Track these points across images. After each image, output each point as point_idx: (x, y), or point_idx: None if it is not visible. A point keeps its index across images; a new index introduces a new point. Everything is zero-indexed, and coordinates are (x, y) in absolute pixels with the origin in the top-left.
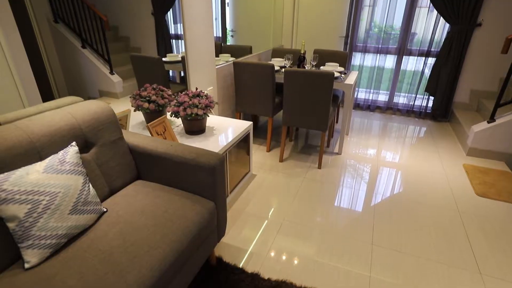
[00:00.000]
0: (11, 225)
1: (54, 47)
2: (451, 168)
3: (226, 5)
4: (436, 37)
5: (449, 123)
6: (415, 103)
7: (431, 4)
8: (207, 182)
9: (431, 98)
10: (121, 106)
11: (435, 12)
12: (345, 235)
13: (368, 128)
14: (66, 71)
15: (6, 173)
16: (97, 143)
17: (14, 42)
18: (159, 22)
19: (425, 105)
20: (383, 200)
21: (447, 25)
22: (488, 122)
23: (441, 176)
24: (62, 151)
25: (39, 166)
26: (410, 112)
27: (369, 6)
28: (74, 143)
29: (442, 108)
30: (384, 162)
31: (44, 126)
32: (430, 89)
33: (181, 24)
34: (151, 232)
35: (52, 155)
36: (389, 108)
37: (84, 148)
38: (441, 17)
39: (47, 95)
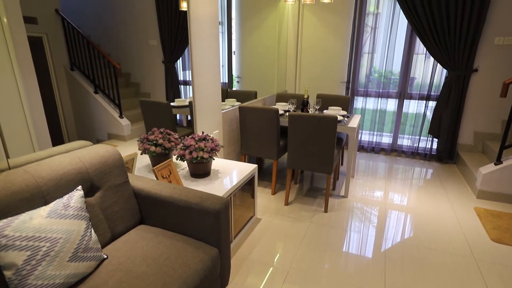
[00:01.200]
0: (8, 273)
1: (68, 92)
2: (462, 211)
3: (233, 53)
4: (435, 81)
5: (455, 165)
6: (420, 145)
7: (427, 51)
8: (211, 227)
9: (435, 140)
10: (128, 148)
11: (432, 58)
12: (355, 284)
13: (373, 170)
14: (77, 115)
15: (10, 218)
16: (103, 187)
17: (31, 88)
18: (169, 69)
19: (429, 147)
20: (393, 246)
21: (445, 70)
22: (495, 164)
23: (452, 220)
24: (67, 196)
25: (43, 210)
26: (415, 154)
27: (368, 53)
28: (80, 187)
29: (447, 150)
30: (392, 205)
31: (52, 170)
32: (433, 132)
33: (190, 71)
34: (152, 281)
35: (57, 200)
36: (394, 150)
37: (89, 191)
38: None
39: (57, 138)
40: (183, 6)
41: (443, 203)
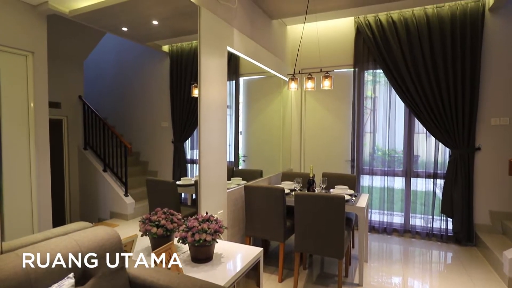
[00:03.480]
0: None
1: (78, 171)
2: None
3: (239, 133)
4: (439, 159)
5: (476, 248)
6: (434, 225)
7: (427, 131)
8: None
9: (450, 219)
10: (130, 228)
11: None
12: None
13: (388, 254)
14: (83, 193)
15: None
16: (97, 274)
17: (43, 169)
18: (178, 148)
19: (445, 227)
20: None
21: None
22: None
23: None
24: (56, 285)
25: None
26: (430, 235)
27: (370, 132)
28: (71, 274)
29: (464, 231)
30: None
31: (45, 255)
32: (446, 211)
33: (197, 150)
34: None
35: None
36: (407, 231)
37: (81, 279)
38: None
39: (59, 216)
40: (195, 93)
41: None
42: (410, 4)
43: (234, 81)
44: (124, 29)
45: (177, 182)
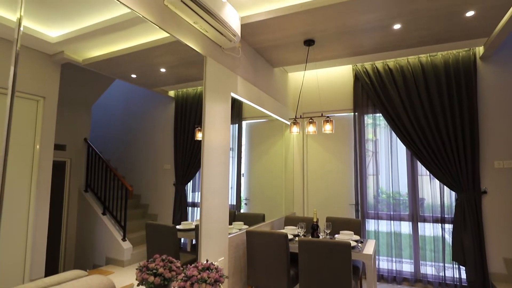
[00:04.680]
0: None
1: (76, 214)
2: None
3: (242, 175)
4: (445, 202)
5: None
6: (446, 274)
7: (431, 174)
8: None
9: (462, 267)
10: (126, 276)
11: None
12: None
13: None
14: (79, 238)
15: None
16: None
17: (42, 213)
18: (179, 191)
19: (458, 276)
20: None
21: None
22: None
23: None
24: None
25: None
26: (443, 284)
27: (373, 175)
28: None
29: (479, 281)
30: None
31: None
32: (458, 258)
33: (199, 193)
34: None
35: None
36: (418, 280)
37: None
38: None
39: (53, 261)
40: (198, 136)
41: None
42: (404, 54)
43: (237, 125)
44: (133, 76)
45: (177, 227)
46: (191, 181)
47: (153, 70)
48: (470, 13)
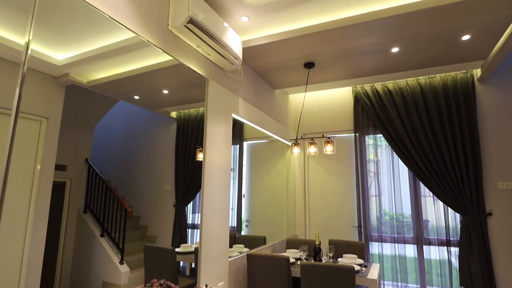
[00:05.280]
0: None
1: (74, 235)
2: None
3: (243, 196)
4: (450, 224)
5: None
6: None
7: (434, 195)
8: None
9: None
10: None
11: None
12: None
13: None
14: (76, 260)
15: None
16: None
17: (39, 235)
18: (179, 212)
19: None
20: None
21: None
22: None
23: None
24: None
25: None
26: None
27: (375, 196)
28: None
29: None
30: None
31: None
32: (466, 284)
33: (199, 214)
34: None
35: None
36: None
37: None
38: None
39: (48, 281)
40: (199, 157)
41: None
42: (403, 76)
43: (238, 145)
44: (136, 97)
45: (176, 249)
46: (192, 202)
47: (155, 92)
48: (466, 37)
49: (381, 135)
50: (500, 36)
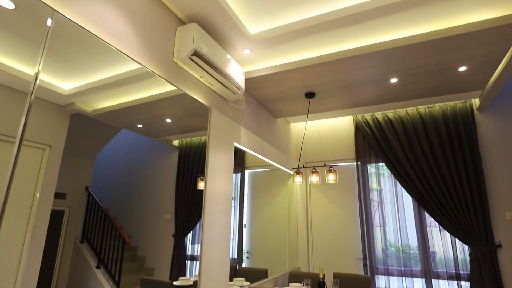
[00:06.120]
0: None
1: (69, 266)
2: None
3: (244, 226)
4: (459, 256)
5: None
6: None
7: (440, 226)
8: None
9: None
10: None
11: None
12: None
13: None
14: None
15: None
16: None
17: (33, 264)
18: (178, 242)
19: None
20: None
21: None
22: None
23: None
24: None
25: None
26: None
27: (380, 226)
28: None
29: None
30: None
31: None
32: None
33: (198, 245)
34: None
35: None
36: None
37: None
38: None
39: None
40: (201, 185)
41: None
42: (402, 105)
43: (239, 173)
44: (139, 126)
45: (174, 283)
46: (191, 232)
47: (159, 121)
48: (462, 68)
49: (383, 163)
50: (496, 67)
